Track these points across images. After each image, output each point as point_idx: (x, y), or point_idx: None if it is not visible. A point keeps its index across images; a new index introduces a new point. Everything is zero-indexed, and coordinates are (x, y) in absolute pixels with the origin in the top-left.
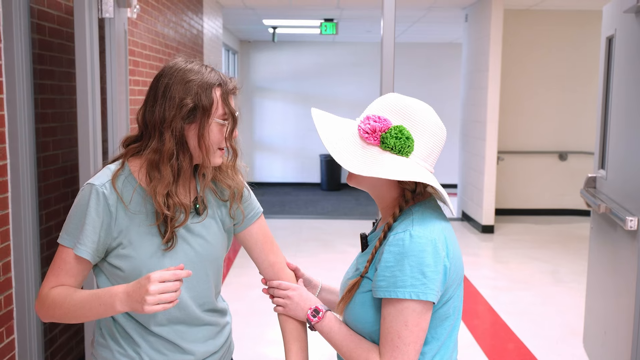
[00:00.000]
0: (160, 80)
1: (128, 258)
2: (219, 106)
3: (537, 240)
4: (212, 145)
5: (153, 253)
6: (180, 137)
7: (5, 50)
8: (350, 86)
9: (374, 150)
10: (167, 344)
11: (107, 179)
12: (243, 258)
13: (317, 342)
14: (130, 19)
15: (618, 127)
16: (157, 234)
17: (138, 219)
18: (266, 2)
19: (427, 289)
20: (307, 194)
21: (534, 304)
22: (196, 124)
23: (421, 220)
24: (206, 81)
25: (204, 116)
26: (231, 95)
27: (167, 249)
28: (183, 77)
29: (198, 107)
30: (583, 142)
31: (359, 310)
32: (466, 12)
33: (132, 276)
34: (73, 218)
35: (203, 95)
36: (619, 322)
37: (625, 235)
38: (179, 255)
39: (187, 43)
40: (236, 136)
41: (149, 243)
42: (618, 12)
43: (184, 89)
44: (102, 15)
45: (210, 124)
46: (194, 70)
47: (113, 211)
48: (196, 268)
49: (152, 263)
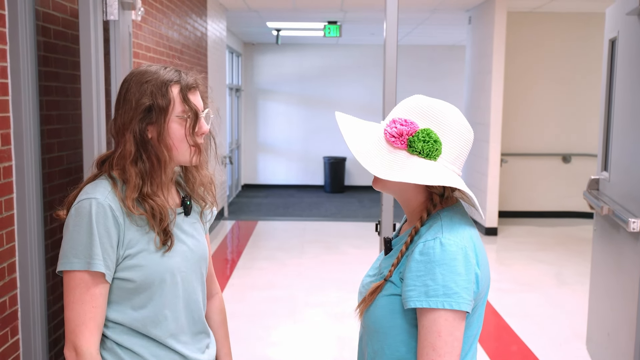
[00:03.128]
0: (121, 88)
1: (138, 267)
2: (177, 103)
3: (541, 242)
4: (175, 143)
5: (157, 257)
6: (140, 139)
7: (11, 52)
8: (354, 88)
9: (402, 154)
10: (175, 356)
11: (108, 191)
12: (246, 260)
13: (334, 344)
14: (135, 21)
15: (621, 130)
16: (153, 238)
17: (139, 227)
18: (270, 4)
19: (460, 298)
20: (310, 196)
21: (538, 306)
22: (156, 124)
23: (450, 227)
24: (162, 80)
25: (161, 115)
26: (192, 91)
27: (166, 251)
28: (140, 80)
29: (154, 106)
30: (587, 144)
31: (380, 313)
32: (469, 14)
33: (143, 286)
34: (79, 237)
35: (158, 94)
36: (622, 324)
37: (628, 237)
38: (178, 255)
39: (191, 45)
40: (204, 132)
41: (152, 248)
42: (621, 15)
43: (140, 90)
44: (106, 18)
45: (167, 122)
46: (151, 71)
47: (121, 222)
48: (194, 268)
49: (159, 268)
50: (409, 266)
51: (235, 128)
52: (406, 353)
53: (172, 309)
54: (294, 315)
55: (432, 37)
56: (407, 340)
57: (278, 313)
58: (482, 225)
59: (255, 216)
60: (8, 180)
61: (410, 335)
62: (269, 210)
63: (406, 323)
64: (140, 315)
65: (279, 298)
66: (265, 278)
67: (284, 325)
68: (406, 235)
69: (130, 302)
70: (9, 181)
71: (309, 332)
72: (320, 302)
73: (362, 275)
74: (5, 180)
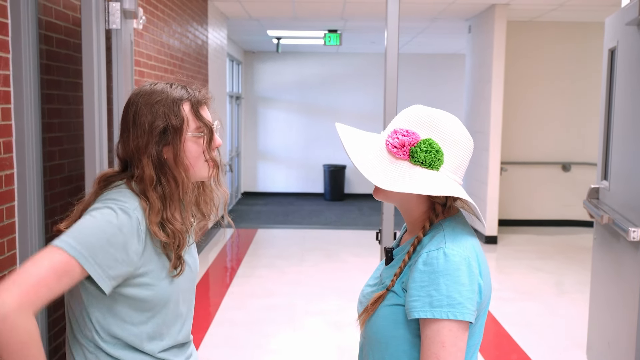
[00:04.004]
0: (129, 109)
1: (149, 287)
2: (191, 121)
3: (541, 251)
4: (192, 162)
5: (167, 281)
6: (158, 162)
7: (14, 60)
8: (354, 97)
9: (404, 164)
10: None
11: (139, 207)
12: (246, 268)
13: (334, 353)
14: (136, 29)
15: (621, 139)
16: (165, 260)
17: (153, 246)
18: (271, 13)
19: (464, 308)
20: (310, 204)
21: (538, 315)
22: (171, 145)
23: (453, 237)
24: (172, 99)
25: (176, 135)
26: (202, 106)
27: (175, 276)
28: (148, 101)
29: (168, 127)
30: (586, 153)
31: (382, 323)
32: (469, 23)
33: (149, 305)
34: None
35: (171, 114)
36: (622, 333)
37: (628, 246)
38: (183, 277)
39: (192, 54)
40: (218, 145)
41: (163, 270)
42: (620, 24)
43: (152, 112)
44: (109, 27)
45: (184, 141)
46: (158, 90)
47: (143, 237)
48: (191, 285)
49: (167, 291)
50: (412, 276)
51: (235, 136)
52: None
53: (170, 326)
54: (293, 324)
55: (432, 46)
56: (409, 350)
57: (277, 321)
58: (482, 234)
59: (255, 224)
60: (10, 188)
61: (413, 346)
62: (268, 218)
63: (409, 333)
64: (139, 330)
65: (279, 306)
66: (264, 286)
67: (283, 334)
68: (408, 245)
69: (132, 319)
70: (10, 189)
71: (309, 340)
72: (319, 311)
73: (362, 283)
74: (6, 188)
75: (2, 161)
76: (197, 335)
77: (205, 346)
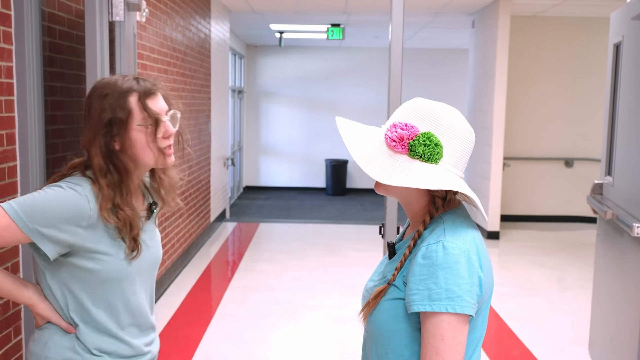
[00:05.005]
0: (86, 101)
1: (100, 261)
2: (137, 112)
3: (543, 246)
4: (139, 151)
5: (124, 263)
6: (107, 152)
7: (17, 52)
8: (356, 91)
9: (402, 158)
10: (124, 345)
11: (89, 188)
12: (248, 262)
13: (336, 348)
14: (139, 22)
15: (625, 134)
16: (122, 242)
17: (104, 229)
18: (273, 6)
19: (463, 301)
20: (312, 198)
21: (540, 310)
22: (119, 136)
23: (453, 230)
24: (120, 91)
25: (122, 127)
26: (151, 97)
27: (133, 258)
28: (100, 93)
29: (114, 119)
30: (589, 148)
31: (384, 317)
32: (473, 18)
33: (108, 281)
34: (44, 207)
35: (117, 106)
36: (625, 328)
37: (632, 242)
38: (141, 260)
39: (195, 47)
40: (169, 135)
41: (120, 255)
42: (626, 19)
43: (101, 104)
44: (112, 19)
45: (131, 132)
46: (110, 83)
47: (92, 216)
48: (151, 270)
49: (121, 269)
50: (412, 270)
51: (237, 130)
52: (410, 357)
53: (126, 306)
54: (295, 318)
55: (435, 40)
56: (411, 344)
57: (279, 315)
58: (484, 229)
59: (256, 218)
60: (13, 180)
61: (414, 339)
62: (270, 212)
63: (410, 327)
64: (95, 307)
65: (280, 300)
66: (266, 280)
67: (285, 328)
68: (409, 239)
69: (87, 293)
70: (13, 181)
71: (310, 335)
72: (321, 305)
73: (363, 278)
74: (10, 180)
75: (5, 153)
76: (199, 328)
77: (207, 340)
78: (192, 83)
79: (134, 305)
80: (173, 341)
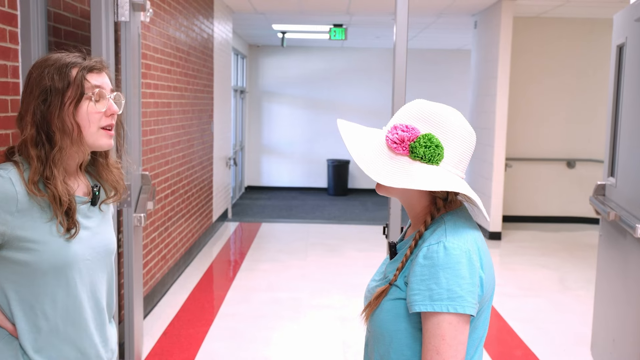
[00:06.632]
0: (27, 76)
1: (32, 251)
2: (76, 85)
3: (545, 247)
4: (82, 123)
5: (60, 242)
6: (41, 121)
7: (23, 52)
8: (358, 92)
9: (403, 160)
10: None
11: (14, 170)
12: (250, 262)
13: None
14: (143, 22)
15: (628, 135)
16: (55, 222)
17: (37, 212)
18: (276, 6)
19: (465, 301)
20: (314, 198)
21: (542, 311)
22: (52, 105)
23: (454, 230)
24: (62, 63)
25: (57, 96)
26: (95, 72)
27: (70, 237)
28: (41, 65)
29: (51, 88)
30: (591, 149)
31: (385, 317)
32: (475, 19)
33: (41, 269)
34: None
35: (56, 75)
36: (628, 329)
37: (634, 243)
38: (83, 242)
39: (198, 47)
40: (112, 113)
41: (54, 234)
42: (629, 21)
43: (41, 75)
44: (118, 19)
45: (68, 103)
46: (53, 57)
47: (20, 199)
48: (102, 260)
49: (61, 252)
50: (413, 270)
51: (239, 130)
52: (411, 357)
53: (75, 297)
54: (297, 318)
55: (437, 41)
56: (412, 344)
57: (281, 315)
58: (486, 230)
59: (258, 218)
60: None
61: (415, 339)
62: (272, 212)
63: (411, 327)
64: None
65: (282, 300)
66: (268, 280)
67: (287, 328)
68: (410, 240)
69: (26, 289)
70: None
71: (313, 334)
72: (323, 305)
73: (365, 278)
74: None
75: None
76: (201, 328)
77: (209, 339)
78: (195, 83)
79: (83, 299)
80: (176, 340)
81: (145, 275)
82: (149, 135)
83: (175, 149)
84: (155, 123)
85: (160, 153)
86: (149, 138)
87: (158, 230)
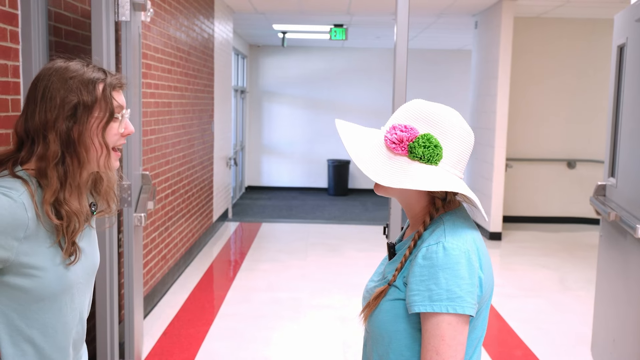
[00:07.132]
0: (38, 84)
1: (33, 278)
2: (102, 102)
3: (545, 247)
4: (91, 144)
5: (61, 269)
6: (66, 139)
7: (24, 51)
8: (358, 92)
9: (402, 160)
10: None
11: (26, 193)
12: (250, 262)
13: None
14: (144, 22)
15: (629, 136)
16: (58, 249)
17: (42, 237)
18: (277, 7)
19: (464, 302)
20: (314, 198)
21: (542, 311)
22: (79, 123)
23: (453, 231)
24: (87, 78)
25: (86, 113)
26: (117, 91)
27: (70, 263)
28: (63, 76)
29: (80, 104)
30: (592, 150)
31: (384, 318)
32: (476, 19)
33: (39, 295)
34: None
35: (84, 91)
36: (628, 330)
37: (635, 244)
38: (78, 266)
39: (198, 47)
40: (129, 132)
41: (54, 259)
42: (630, 21)
43: (65, 87)
44: (118, 19)
45: (91, 121)
46: (74, 68)
47: (29, 225)
48: (88, 278)
49: (60, 281)
50: (412, 271)
51: (239, 130)
52: (410, 357)
53: (64, 322)
54: (297, 318)
55: (438, 41)
56: (411, 344)
57: (282, 315)
58: (487, 230)
59: (259, 218)
60: None
61: (414, 340)
62: (272, 212)
63: (410, 327)
64: (29, 327)
65: (283, 300)
66: (268, 280)
67: (287, 328)
68: (409, 240)
69: (21, 312)
70: None
71: (313, 334)
72: (323, 305)
73: (365, 278)
74: None
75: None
76: (202, 328)
77: (210, 339)
78: (196, 83)
79: (71, 322)
80: (176, 340)
81: (145, 275)
82: (150, 135)
83: (175, 148)
84: (156, 123)
85: (161, 153)
86: (150, 138)
87: (158, 230)
